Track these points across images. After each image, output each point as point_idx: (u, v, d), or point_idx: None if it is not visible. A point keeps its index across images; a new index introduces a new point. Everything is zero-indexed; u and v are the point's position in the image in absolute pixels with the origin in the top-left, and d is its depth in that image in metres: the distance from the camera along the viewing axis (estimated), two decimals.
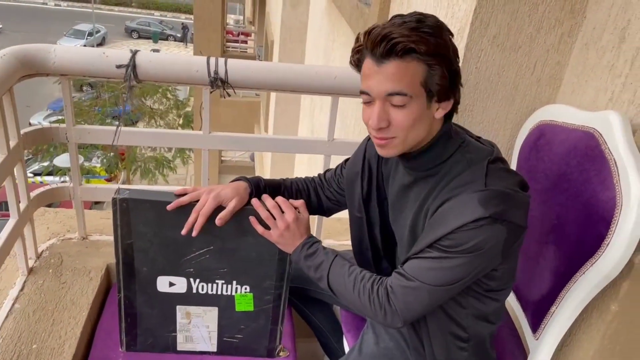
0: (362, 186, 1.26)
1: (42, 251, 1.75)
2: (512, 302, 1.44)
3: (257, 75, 1.58)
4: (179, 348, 1.42)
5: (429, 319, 1.16)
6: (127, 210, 1.22)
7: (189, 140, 1.79)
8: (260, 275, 1.32)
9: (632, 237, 1.06)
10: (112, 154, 13.19)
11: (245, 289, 1.33)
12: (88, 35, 25.22)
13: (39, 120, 16.46)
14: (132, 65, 1.47)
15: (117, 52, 1.50)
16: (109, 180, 13.57)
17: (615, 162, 1.13)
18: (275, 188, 1.34)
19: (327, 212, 1.43)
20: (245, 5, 21.97)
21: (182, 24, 26.49)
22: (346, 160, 1.38)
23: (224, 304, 1.35)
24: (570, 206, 1.23)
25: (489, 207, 0.96)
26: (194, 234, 1.21)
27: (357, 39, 1.03)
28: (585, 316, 1.27)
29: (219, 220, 1.21)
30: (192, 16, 12.74)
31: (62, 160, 11.40)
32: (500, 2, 1.40)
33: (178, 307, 1.35)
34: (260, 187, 1.31)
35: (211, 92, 1.60)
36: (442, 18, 1.60)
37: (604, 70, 1.35)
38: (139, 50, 1.50)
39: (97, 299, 1.63)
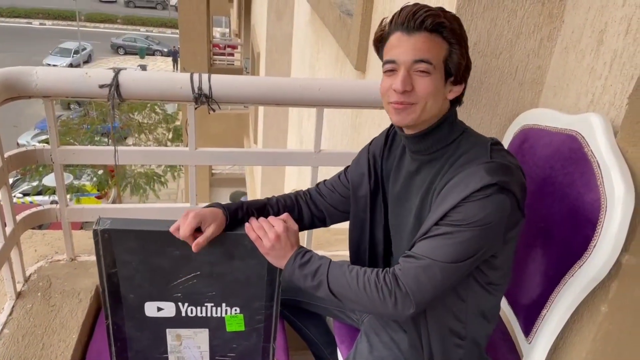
0: (369, 185, 1.28)
1: (31, 274, 1.73)
2: (504, 307, 1.44)
3: (241, 90, 1.58)
4: None
5: (429, 314, 1.16)
6: (109, 241, 1.19)
7: (175, 157, 1.78)
8: (249, 296, 1.30)
9: (618, 238, 1.07)
10: (101, 171, 13.12)
11: (235, 310, 1.32)
12: (74, 53, 25.17)
13: (27, 140, 16.35)
14: (115, 85, 1.47)
15: (100, 72, 1.49)
16: (99, 197, 13.49)
17: (598, 164, 1.14)
18: (260, 209, 1.30)
19: (326, 221, 1.39)
20: (230, 18, 22.03)
21: (174, 47, 26.05)
22: (346, 168, 1.38)
23: (215, 325, 1.33)
24: (556, 209, 1.24)
25: (495, 175, 1.01)
26: (194, 249, 1.16)
27: (382, 23, 1.12)
28: (576, 318, 1.28)
29: (195, 246, 1.16)
30: (178, 31, 12.75)
31: (51, 179, 11.32)
32: (479, 10, 1.42)
33: (168, 330, 1.33)
34: (237, 214, 1.26)
35: (196, 109, 1.59)
36: None
37: (584, 73, 1.37)
38: (121, 69, 1.50)
39: (87, 321, 1.61)
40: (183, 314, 1.30)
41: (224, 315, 1.32)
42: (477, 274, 1.12)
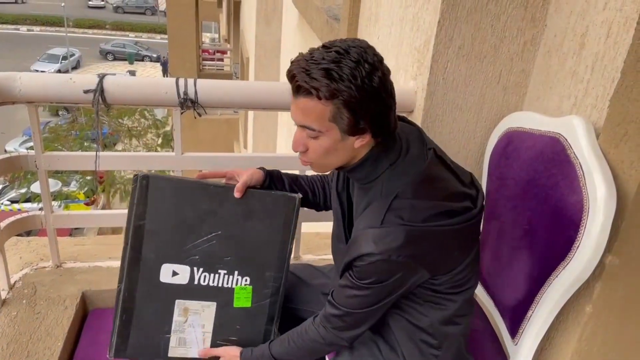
0: (338, 178, 1.30)
1: (15, 282, 1.72)
2: (490, 308, 1.45)
3: (227, 95, 1.58)
4: (170, 354, 1.37)
5: (395, 330, 1.19)
6: (146, 187, 1.27)
7: (162, 162, 1.78)
8: (261, 264, 1.35)
9: (600, 239, 1.08)
10: (89, 177, 13.02)
11: (246, 280, 1.35)
12: (62, 59, 25.01)
13: (15, 146, 16.20)
14: (99, 90, 1.46)
15: (84, 77, 1.49)
16: (88, 204, 13.38)
17: (581, 166, 1.15)
18: (294, 178, 1.43)
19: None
20: (220, 24, 22.02)
21: (163, 56, 25.72)
22: None
23: (223, 298, 1.36)
24: (540, 211, 1.25)
25: (380, 244, 1.02)
26: (237, 194, 1.28)
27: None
28: (562, 319, 1.29)
29: (237, 192, 1.28)
30: (167, 36, 12.72)
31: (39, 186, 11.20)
32: (463, 14, 1.43)
33: (177, 301, 1.35)
34: (273, 175, 1.39)
35: (182, 113, 1.59)
36: (407, 31, 1.64)
37: (566, 76, 1.38)
38: (106, 75, 1.50)
39: (73, 328, 1.59)
40: (195, 282, 1.34)
41: (234, 285, 1.35)
42: (424, 293, 1.14)
